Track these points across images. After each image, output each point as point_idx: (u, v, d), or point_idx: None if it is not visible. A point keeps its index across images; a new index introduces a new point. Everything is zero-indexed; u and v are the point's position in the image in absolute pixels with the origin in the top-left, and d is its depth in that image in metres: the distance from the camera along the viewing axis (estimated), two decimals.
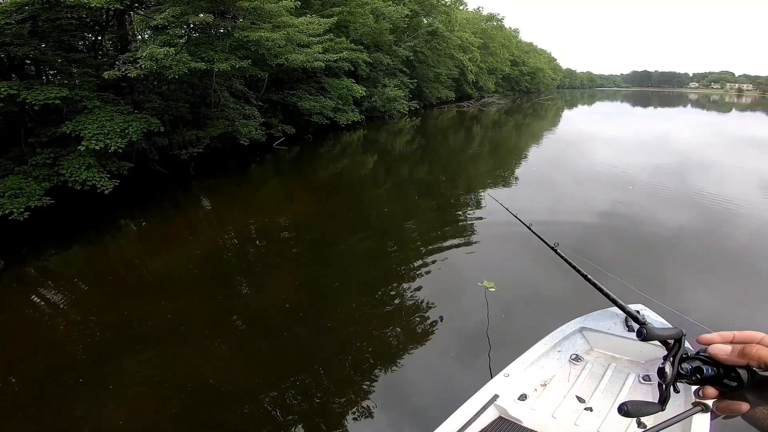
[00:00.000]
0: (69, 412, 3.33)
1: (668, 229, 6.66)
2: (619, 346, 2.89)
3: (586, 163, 12.02)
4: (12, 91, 7.19)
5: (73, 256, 6.99)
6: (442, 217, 7.61)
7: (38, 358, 4.10)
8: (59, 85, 8.21)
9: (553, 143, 16.77)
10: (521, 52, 54.98)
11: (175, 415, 3.26)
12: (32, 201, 7.23)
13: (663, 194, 8.75)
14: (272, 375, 3.63)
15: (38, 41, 8.09)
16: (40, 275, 6.34)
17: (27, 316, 5.05)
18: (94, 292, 5.69)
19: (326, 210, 8.69)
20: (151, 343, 4.20)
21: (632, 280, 3.73)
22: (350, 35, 17.33)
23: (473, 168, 12.44)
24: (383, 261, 5.84)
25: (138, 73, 7.87)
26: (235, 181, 11.61)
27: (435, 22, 26.39)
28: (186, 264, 6.22)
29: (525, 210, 7.71)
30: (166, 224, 8.43)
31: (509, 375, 2.60)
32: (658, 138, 18.38)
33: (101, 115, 8.28)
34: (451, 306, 4.44)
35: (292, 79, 16.71)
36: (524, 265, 5.42)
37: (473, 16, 40.95)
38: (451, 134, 21.06)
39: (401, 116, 24.30)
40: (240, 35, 8.86)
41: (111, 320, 4.80)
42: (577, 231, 6.60)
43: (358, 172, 12.22)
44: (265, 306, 4.82)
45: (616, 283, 3.08)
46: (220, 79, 11.54)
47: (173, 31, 8.40)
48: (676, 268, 5.32)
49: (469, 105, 34.82)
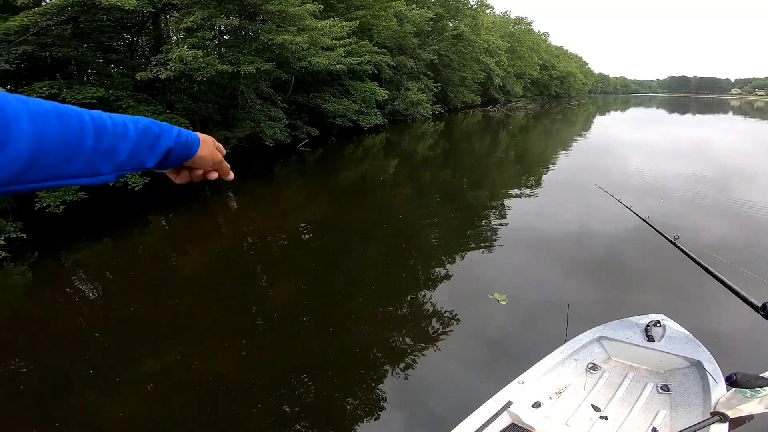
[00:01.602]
0: (80, 402, 3.44)
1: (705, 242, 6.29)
2: (638, 355, 2.85)
3: (617, 171, 11.56)
4: (53, 90, 7.63)
5: (102, 249, 7.30)
6: (462, 223, 7.49)
7: (60, 347, 4.28)
8: (97, 85, 8.64)
9: (583, 150, 16.22)
10: (551, 56, 53.82)
11: (183, 408, 3.31)
12: (68, 195, 7.61)
13: (701, 204, 8.28)
14: (283, 375, 3.63)
15: (79, 42, 8.54)
16: (70, 266, 6.64)
17: (55, 304, 5.30)
18: (116, 284, 5.92)
19: (346, 212, 8.72)
20: (165, 337, 4.30)
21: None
22: (374, 38, 17.44)
23: (497, 173, 12.19)
24: (400, 265, 5.79)
25: (168, 74, 8.17)
26: (259, 181, 11.85)
27: (460, 25, 26.20)
28: (205, 261, 6.37)
29: (551, 218, 7.51)
30: (191, 222, 8.69)
31: (524, 382, 2.57)
32: (696, 145, 17.50)
33: (134, 115, 8.63)
34: (467, 313, 4.34)
35: (317, 82, 16.97)
36: (544, 274, 5.25)
37: (500, 20, 40.42)
38: (475, 139, 20.79)
39: (424, 120, 24.20)
40: (265, 38, 9.07)
41: (129, 312, 4.97)
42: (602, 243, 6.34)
43: (379, 176, 12.22)
44: (279, 306, 4.86)
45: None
46: (248, 81, 11.83)
47: (202, 33, 8.68)
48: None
49: (495, 109, 34.31)
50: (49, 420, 3.24)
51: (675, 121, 33.59)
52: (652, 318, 3.04)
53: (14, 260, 6.34)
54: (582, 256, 5.74)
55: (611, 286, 4.93)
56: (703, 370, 2.54)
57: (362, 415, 3.15)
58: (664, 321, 3.04)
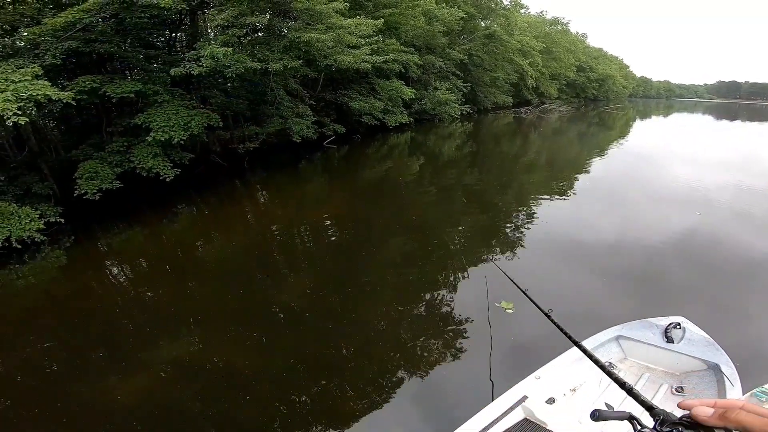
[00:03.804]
0: (98, 382, 3.61)
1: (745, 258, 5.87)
2: (655, 356, 2.86)
3: (652, 181, 10.98)
4: (95, 85, 8.06)
5: (133, 236, 7.66)
6: (484, 227, 7.34)
7: (86, 327, 4.52)
8: (137, 79, 9.07)
9: (618, 157, 15.47)
10: (588, 58, 51.86)
11: (195, 394, 3.42)
12: (104, 184, 8.04)
13: (747, 219, 7.73)
14: (296, 367, 3.69)
15: (120, 38, 8.97)
16: (102, 252, 7.01)
17: (85, 287, 5.60)
18: (143, 270, 6.19)
19: (367, 210, 8.75)
20: (185, 324, 4.46)
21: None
22: (401, 37, 17.36)
23: (525, 177, 11.86)
24: (419, 265, 5.75)
25: (200, 70, 8.43)
26: (286, 176, 12.10)
27: (493, 25, 25.69)
28: (229, 250, 6.56)
29: (574, 227, 7.24)
30: (217, 213, 8.98)
31: (540, 378, 2.60)
32: (744, 156, 16.36)
33: (169, 108, 9.00)
34: (482, 316, 4.25)
35: (345, 80, 17.11)
36: (565, 281, 5.06)
37: (535, 20, 39.31)
38: (504, 141, 20.32)
39: (452, 120, 23.90)
40: (293, 36, 9.22)
41: (154, 298, 5.19)
42: (641, 254, 6.04)
43: (403, 175, 12.18)
44: (297, 298, 4.93)
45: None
46: (277, 78, 12.08)
47: (232, 31, 8.92)
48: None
49: (527, 111, 33.41)
50: (68, 397, 3.43)
51: (723, 128, 31.57)
52: (672, 320, 3.01)
53: (51, 244, 6.76)
54: (617, 268, 5.51)
55: (643, 295, 4.69)
56: (720, 374, 2.54)
57: (374, 407, 3.16)
58: (684, 324, 3.01)
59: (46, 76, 7.07)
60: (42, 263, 6.31)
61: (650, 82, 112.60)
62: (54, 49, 7.31)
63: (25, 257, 6.31)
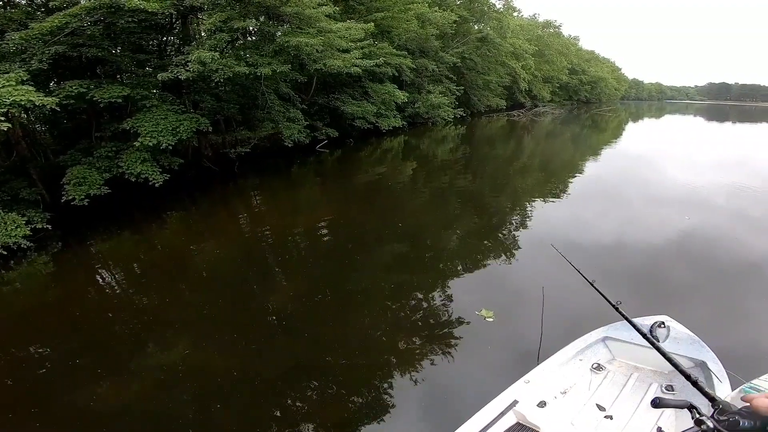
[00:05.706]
0: (87, 389, 3.56)
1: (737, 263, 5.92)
2: (643, 356, 2.86)
3: (644, 183, 11.05)
4: (82, 89, 8.01)
5: (121, 241, 7.60)
6: (476, 230, 7.36)
7: (76, 335, 4.46)
8: (125, 84, 9.01)
9: (610, 159, 15.58)
10: (581, 60, 52.32)
11: (186, 400, 3.38)
12: (92, 189, 7.97)
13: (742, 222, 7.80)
14: (288, 373, 3.66)
15: (110, 43, 8.92)
16: (91, 257, 6.94)
17: (73, 294, 5.54)
18: (132, 276, 6.13)
19: (360, 214, 8.73)
20: (175, 330, 4.42)
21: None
22: (394, 41, 17.41)
23: (519, 181, 11.91)
24: (411, 269, 5.75)
25: (188, 75, 8.41)
26: (277, 180, 12.06)
27: (485, 28, 25.87)
28: (220, 256, 6.52)
29: (564, 233, 7.27)
30: (207, 218, 8.93)
31: (529, 381, 2.60)
32: (735, 157, 16.53)
33: (157, 113, 8.96)
34: (474, 320, 4.25)
35: (338, 83, 17.12)
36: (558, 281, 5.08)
37: (528, 23, 39.66)
38: (498, 144, 20.42)
39: (445, 123, 23.98)
40: (281, 40, 9.23)
41: (143, 304, 5.14)
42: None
43: (395, 179, 12.18)
44: (290, 303, 4.91)
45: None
46: (268, 82, 12.07)
47: (219, 35, 8.91)
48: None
49: (520, 114, 33.64)
50: (56, 403, 3.38)
51: (714, 130, 31.92)
52: (656, 319, 3.01)
53: (39, 250, 6.69)
54: (610, 269, 5.53)
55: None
56: (708, 370, 2.55)
57: (368, 412, 3.16)
58: (668, 322, 3.02)
59: (35, 80, 7.02)
60: (28, 269, 6.24)
61: (642, 84, 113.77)
62: (41, 54, 7.26)
63: (11, 263, 6.23)
